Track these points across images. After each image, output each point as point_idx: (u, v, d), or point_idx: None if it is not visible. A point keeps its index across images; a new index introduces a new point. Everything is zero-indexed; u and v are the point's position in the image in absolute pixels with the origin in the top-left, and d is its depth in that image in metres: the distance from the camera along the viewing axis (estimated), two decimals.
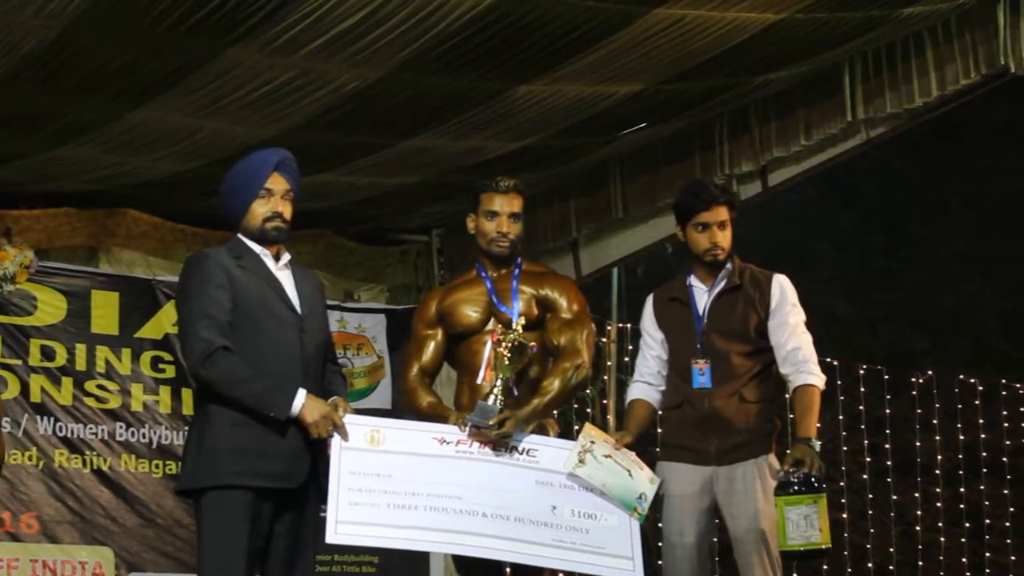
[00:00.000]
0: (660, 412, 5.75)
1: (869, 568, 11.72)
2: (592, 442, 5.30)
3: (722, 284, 5.56)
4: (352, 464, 5.07)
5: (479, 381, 5.46)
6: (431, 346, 5.65)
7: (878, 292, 15.74)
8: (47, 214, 8.20)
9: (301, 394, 4.93)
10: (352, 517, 5.02)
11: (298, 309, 5.13)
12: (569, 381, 5.46)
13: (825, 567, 11.38)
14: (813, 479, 5.20)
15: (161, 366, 8.40)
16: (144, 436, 8.29)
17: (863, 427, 11.49)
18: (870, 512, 11.81)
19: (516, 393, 5.41)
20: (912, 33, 6.82)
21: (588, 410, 10.61)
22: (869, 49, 6.97)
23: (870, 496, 11.78)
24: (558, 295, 5.62)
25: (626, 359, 9.79)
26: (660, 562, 5.80)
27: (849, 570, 11.58)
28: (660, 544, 5.75)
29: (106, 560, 8.02)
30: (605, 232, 8.65)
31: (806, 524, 5.15)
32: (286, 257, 5.26)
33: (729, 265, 5.58)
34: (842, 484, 11.68)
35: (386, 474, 5.10)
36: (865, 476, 11.74)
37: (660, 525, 5.71)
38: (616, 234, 8.62)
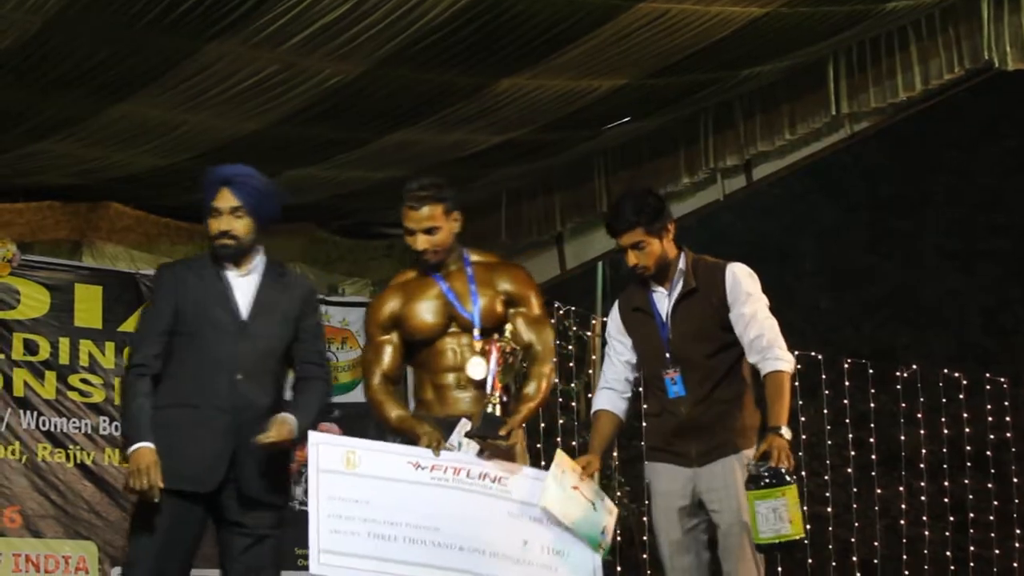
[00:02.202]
0: (642, 413, 5.74)
1: (854, 562, 11.74)
2: (563, 472, 5.29)
3: (679, 287, 5.55)
4: (330, 488, 5.03)
5: (488, 391, 5.27)
6: (389, 350, 5.50)
7: (861, 287, 15.77)
8: (30, 208, 8.18)
9: (137, 444, 5.04)
10: (334, 546, 4.97)
11: (243, 316, 5.20)
12: (547, 387, 5.43)
13: (810, 561, 11.39)
14: (783, 471, 5.19)
15: None
16: None
17: (847, 421, 11.50)
18: (855, 506, 11.83)
19: (505, 399, 5.33)
20: (896, 27, 6.83)
21: (573, 403, 10.62)
22: (853, 43, 6.98)
23: (855, 490, 11.80)
24: (520, 291, 5.52)
25: None
26: (644, 556, 5.83)
27: (834, 564, 11.59)
28: (644, 538, 5.78)
29: (90, 554, 8.01)
30: (590, 226, 8.65)
31: (775, 517, 5.14)
32: (254, 264, 5.31)
33: (682, 264, 5.57)
34: (827, 478, 11.70)
35: (364, 500, 5.05)
36: (849, 470, 11.76)
37: (645, 519, 5.74)
38: (601, 228, 8.56)
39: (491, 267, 5.55)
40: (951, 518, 11.81)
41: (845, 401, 11.45)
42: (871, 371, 11.49)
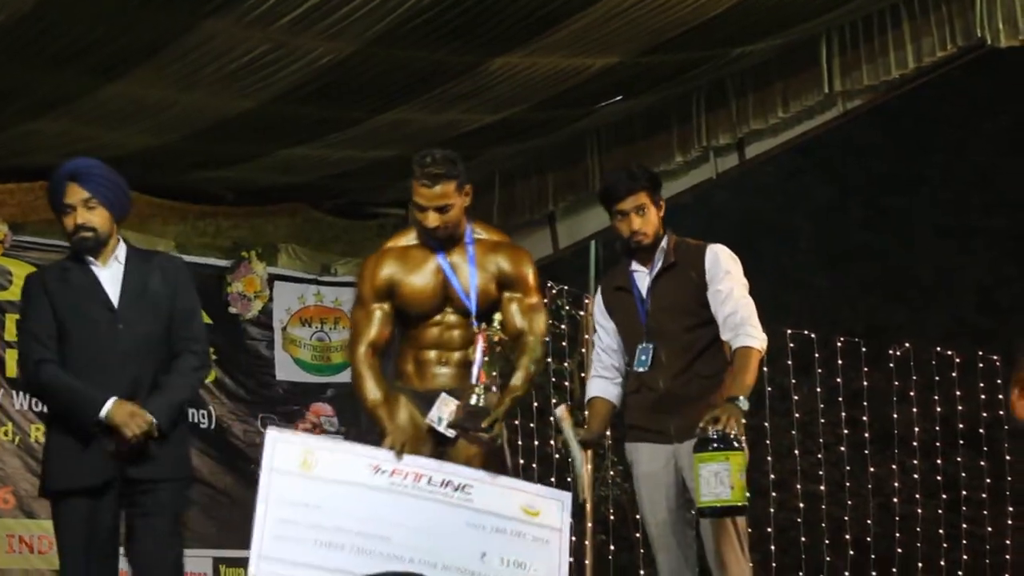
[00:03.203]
0: (623, 399, 5.76)
1: (847, 540, 11.75)
2: (564, 419, 5.49)
3: (659, 264, 5.58)
4: (281, 490, 4.95)
5: (474, 381, 5.21)
6: (380, 318, 5.40)
7: (855, 265, 15.77)
8: (22, 188, 8.16)
9: (108, 404, 5.09)
10: (276, 553, 4.90)
11: (114, 304, 5.26)
12: (534, 377, 5.41)
13: (803, 539, 11.41)
14: (732, 437, 5.20)
15: None
16: None
17: (840, 399, 11.52)
18: (847, 484, 11.84)
19: (495, 388, 5.27)
20: (889, 5, 6.82)
21: (566, 383, 10.62)
22: (846, 21, 6.97)
23: (847, 468, 11.81)
24: (519, 274, 5.42)
25: None
26: (637, 534, 5.86)
27: (827, 542, 11.62)
28: (637, 516, 5.80)
29: None
30: (583, 205, 8.64)
31: (716, 481, 5.16)
32: (117, 252, 5.36)
33: (664, 243, 5.61)
34: (820, 456, 11.71)
35: (315, 505, 4.96)
36: (843, 448, 11.77)
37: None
38: (594, 207, 8.56)
39: (493, 246, 5.47)
40: (944, 496, 11.82)
41: (838, 379, 11.47)
42: (864, 349, 11.51)
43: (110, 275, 5.31)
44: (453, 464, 5.21)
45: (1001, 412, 11.64)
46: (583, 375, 9.71)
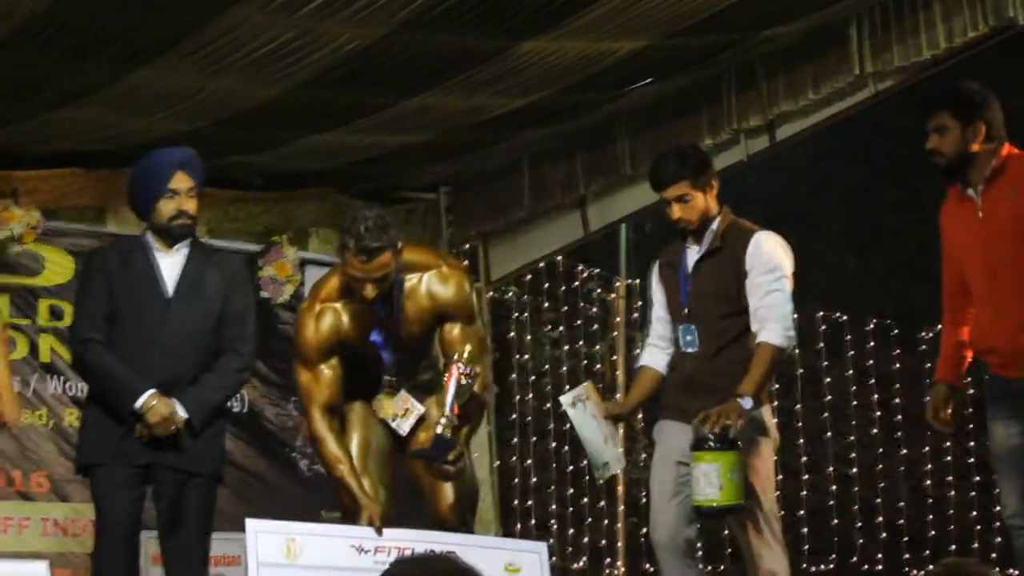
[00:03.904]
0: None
1: (879, 523, 11.74)
2: (587, 397, 5.50)
3: (705, 247, 5.59)
4: None
5: (448, 412, 5.20)
6: (328, 376, 5.38)
7: (886, 247, 15.70)
8: (54, 175, 8.20)
9: (144, 396, 5.22)
10: None
11: (168, 294, 5.34)
12: (485, 399, 5.50)
13: (835, 521, 11.40)
14: (729, 435, 5.18)
15: None
16: None
17: (872, 382, 11.50)
18: (880, 467, 11.83)
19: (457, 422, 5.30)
20: None
21: (598, 366, 10.62)
22: (877, 2, 6.93)
23: (880, 451, 11.80)
24: (456, 305, 5.45)
25: (634, 315, 9.80)
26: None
27: (859, 525, 11.61)
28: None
29: None
30: (613, 188, 8.62)
31: (705, 482, 5.16)
32: (184, 243, 5.49)
33: (715, 225, 5.60)
34: (852, 439, 11.70)
35: None
36: (875, 431, 11.75)
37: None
38: (624, 190, 8.58)
39: (424, 281, 5.45)
40: (977, 478, 11.78)
41: (870, 362, 11.44)
42: (896, 331, 11.47)
43: (171, 263, 5.42)
44: (433, 531, 5.26)
45: None
46: (614, 358, 9.74)
